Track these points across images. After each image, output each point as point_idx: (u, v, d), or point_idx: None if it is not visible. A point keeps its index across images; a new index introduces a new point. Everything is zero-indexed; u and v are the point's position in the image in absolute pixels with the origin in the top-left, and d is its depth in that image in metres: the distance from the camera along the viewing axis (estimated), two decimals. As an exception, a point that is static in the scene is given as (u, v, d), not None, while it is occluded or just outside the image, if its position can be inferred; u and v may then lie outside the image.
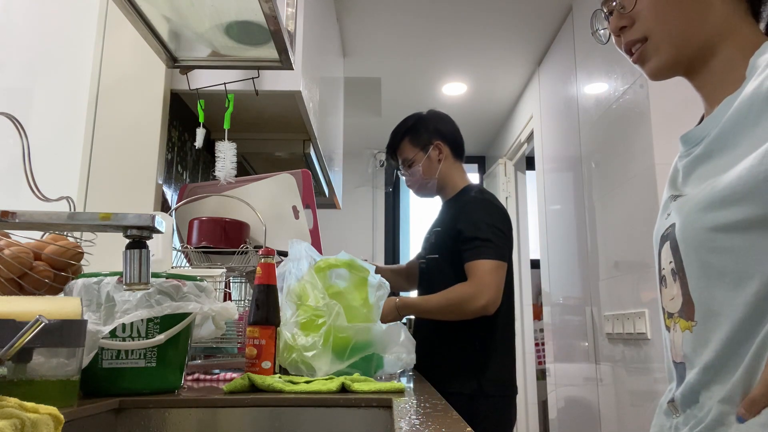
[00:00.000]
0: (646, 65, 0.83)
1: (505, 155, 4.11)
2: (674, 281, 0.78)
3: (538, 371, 3.79)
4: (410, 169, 1.96)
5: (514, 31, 3.05)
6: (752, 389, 0.65)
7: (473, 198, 1.87)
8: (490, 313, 1.71)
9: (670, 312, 0.80)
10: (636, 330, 2.00)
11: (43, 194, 0.87)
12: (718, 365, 0.69)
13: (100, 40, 1.63)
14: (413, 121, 1.99)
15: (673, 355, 0.79)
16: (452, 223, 1.84)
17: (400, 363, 1.22)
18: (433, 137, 1.95)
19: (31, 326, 0.58)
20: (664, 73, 0.84)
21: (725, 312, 0.69)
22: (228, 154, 1.63)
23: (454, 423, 0.65)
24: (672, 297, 0.79)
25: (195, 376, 1.18)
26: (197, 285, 0.94)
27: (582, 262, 2.63)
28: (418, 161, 1.94)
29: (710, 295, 0.71)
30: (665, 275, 0.80)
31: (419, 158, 1.94)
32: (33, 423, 0.51)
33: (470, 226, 1.78)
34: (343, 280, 1.29)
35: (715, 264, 0.70)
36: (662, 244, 0.81)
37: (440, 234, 1.89)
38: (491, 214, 1.82)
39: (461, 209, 1.85)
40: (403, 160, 1.98)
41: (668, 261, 0.79)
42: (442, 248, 1.85)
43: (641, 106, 2.00)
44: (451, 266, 1.80)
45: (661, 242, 0.82)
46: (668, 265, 0.79)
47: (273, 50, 1.47)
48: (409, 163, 1.95)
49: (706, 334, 0.71)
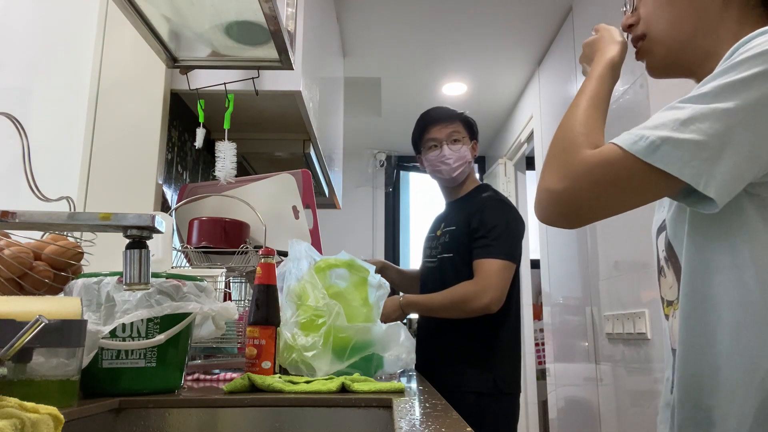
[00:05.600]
0: (645, 63, 0.87)
1: (505, 155, 4.11)
2: (668, 268, 0.80)
3: (538, 371, 3.79)
4: (457, 145, 1.96)
5: (514, 31, 3.05)
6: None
7: (488, 197, 1.89)
8: (493, 312, 1.72)
9: (669, 300, 0.82)
10: (636, 330, 2.00)
11: (43, 194, 0.87)
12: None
13: (100, 40, 1.63)
14: (464, 114, 2.03)
15: (671, 341, 0.80)
16: (466, 222, 1.84)
17: (400, 363, 1.22)
18: (475, 136, 2.03)
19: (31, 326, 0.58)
20: (658, 72, 0.87)
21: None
22: (228, 154, 1.63)
23: (454, 423, 0.65)
24: (670, 285, 0.81)
25: (195, 376, 1.18)
26: (197, 285, 0.94)
27: (582, 262, 2.63)
28: (466, 143, 1.97)
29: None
30: (663, 265, 0.82)
31: (466, 142, 1.97)
32: (33, 423, 0.51)
33: (483, 224, 1.80)
34: (343, 280, 1.29)
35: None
36: (658, 236, 0.85)
37: (454, 233, 1.89)
38: (505, 214, 1.84)
39: (475, 208, 1.86)
40: (450, 133, 1.96)
41: (662, 250, 0.82)
42: (458, 247, 1.86)
43: (641, 106, 2.00)
44: (467, 265, 1.81)
45: (657, 234, 0.85)
46: (662, 253, 0.82)
47: (273, 50, 1.47)
48: (456, 139, 1.96)
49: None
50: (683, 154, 0.64)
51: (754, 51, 0.65)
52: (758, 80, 0.63)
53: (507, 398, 1.79)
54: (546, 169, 0.75)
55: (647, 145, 0.66)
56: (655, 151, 0.65)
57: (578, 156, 0.71)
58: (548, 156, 0.76)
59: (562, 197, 0.71)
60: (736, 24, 0.78)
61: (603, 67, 0.85)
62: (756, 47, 0.65)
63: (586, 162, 0.70)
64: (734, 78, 0.64)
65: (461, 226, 1.86)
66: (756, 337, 0.67)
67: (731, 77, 0.64)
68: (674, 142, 0.64)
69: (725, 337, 0.69)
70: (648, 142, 0.66)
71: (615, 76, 0.86)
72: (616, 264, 2.23)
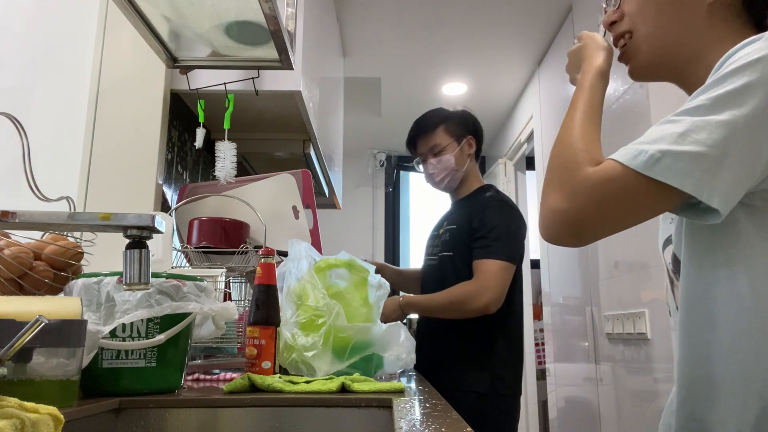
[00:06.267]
0: (628, 64, 0.87)
1: (505, 155, 4.11)
2: (677, 280, 0.80)
3: (538, 371, 3.79)
4: (440, 156, 1.93)
5: (514, 31, 3.05)
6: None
7: (489, 198, 1.89)
8: (491, 312, 1.72)
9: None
10: (636, 330, 2.00)
11: (43, 194, 0.87)
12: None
13: (100, 40, 1.63)
14: (449, 113, 1.98)
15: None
16: (467, 221, 1.84)
17: (400, 363, 1.22)
18: (468, 131, 1.96)
19: (31, 326, 0.58)
20: (642, 75, 0.87)
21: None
22: (228, 154, 1.63)
23: (454, 423, 0.65)
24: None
25: (195, 376, 1.18)
26: (197, 285, 0.94)
27: (582, 262, 2.63)
28: (450, 150, 1.92)
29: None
30: (672, 277, 0.83)
31: (451, 148, 1.92)
32: (33, 423, 0.51)
33: (483, 225, 1.79)
34: (343, 280, 1.29)
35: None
36: (664, 248, 0.84)
37: (455, 232, 1.88)
38: (506, 215, 1.83)
39: (477, 208, 1.85)
40: (432, 147, 1.93)
41: (668, 262, 0.82)
42: (457, 246, 1.85)
43: (641, 107, 2.00)
44: (465, 264, 1.81)
45: (664, 246, 0.84)
46: (669, 266, 0.82)
47: (273, 50, 1.47)
48: (440, 150, 1.93)
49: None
50: (684, 165, 0.64)
51: (743, 62, 0.65)
52: (749, 90, 0.64)
53: (506, 399, 1.79)
54: (548, 188, 0.74)
55: (647, 158, 0.65)
56: (656, 164, 0.65)
57: (580, 174, 0.70)
58: (549, 174, 0.76)
59: (568, 217, 0.70)
60: (721, 31, 0.78)
61: (592, 75, 0.84)
62: (743, 57, 0.65)
63: (589, 180, 0.69)
64: (726, 89, 0.65)
65: (462, 225, 1.86)
66: (753, 346, 0.67)
67: (723, 88, 0.65)
68: (674, 154, 0.64)
69: (722, 346, 0.69)
70: (647, 156, 0.65)
71: (605, 83, 0.85)
72: (616, 264, 2.23)
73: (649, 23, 0.82)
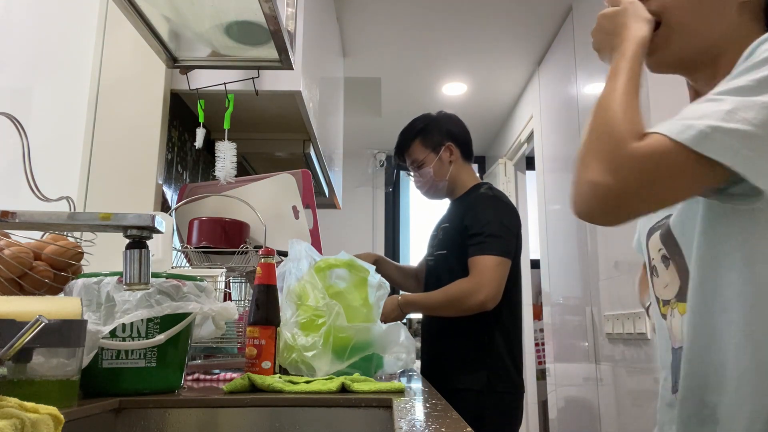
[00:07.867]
0: (652, 56, 0.81)
1: (505, 155, 4.11)
2: (665, 267, 0.79)
3: (538, 371, 3.79)
4: (420, 170, 1.95)
5: (514, 31, 3.05)
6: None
7: (482, 194, 1.88)
8: (489, 308, 1.72)
9: (665, 299, 0.81)
10: (636, 330, 2.00)
11: (43, 194, 0.87)
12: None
13: (100, 40, 1.63)
14: (424, 123, 1.97)
15: (672, 341, 0.80)
16: (460, 219, 1.84)
17: (400, 363, 1.22)
18: (445, 139, 1.94)
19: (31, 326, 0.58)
20: (666, 67, 0.83)
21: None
22: (228, 154, 1.63)
23: (454, 423, 0.65)
24: (666, 284, 0.80)
25: (195, 376, 1.18)
26: (197, 285, 0.94)
27: (582, 262, 2.63)
28: (429, 163, 1.93)
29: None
30: (655, 265, 0.82)
31: (430, 160, 1.93)
32: (33, 423, 0.51)
33: (476, 221, 1.79)
34: (343, 280, 1.29)
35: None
36: (650, 236, 0.83)
37: (448, 230, 1.89)
38: (498, 210, 1.82)
39: (469, 205, 1.85)
40: (412, 161, 1.96)
41: (657, 249, 0.81)
42: (451, 244, 1.86)
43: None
44: (459, 262, 1.80)
45: (649, 234, 0.83)
46: (658, 253, 0.81)
47: (273, 50, 1.47)
48: (419, 164, 1.95)
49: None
50: (734, 143, 0.61)
51: None
52: None
53: (505, 396, 1.78)
54: (588, 158, 0.68)
55: (696, 133, 0.62)
56: (705, 139, 0.62)
57: (626, 148, 0.66)
58: (588, 144, 0.70)
59: (610, 191, 0.66)
60: (748, 29, 0.77)
61: (636, 45, 0.77)
62: None
63: (636, 155, 0.65)
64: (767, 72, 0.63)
65: (455, 224, 1.87)
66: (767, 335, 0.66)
67: (764, 72, 0.63)
68: (724, 131, 0.62)
69: (735, 333, 0.69)
70: (697, 131, 0.62)
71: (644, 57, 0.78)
72: (616, 264, 2.23)
73: (687, 14, 0.78)
